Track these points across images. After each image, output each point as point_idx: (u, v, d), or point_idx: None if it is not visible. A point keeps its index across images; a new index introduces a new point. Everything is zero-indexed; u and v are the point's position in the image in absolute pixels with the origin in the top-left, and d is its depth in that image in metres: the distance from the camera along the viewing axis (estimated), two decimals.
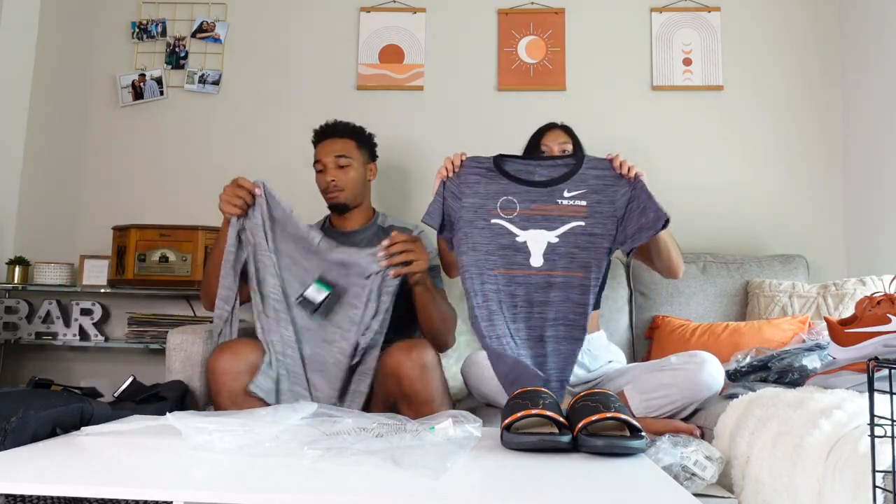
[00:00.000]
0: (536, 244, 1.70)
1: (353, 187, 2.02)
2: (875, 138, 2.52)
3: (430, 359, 1.62)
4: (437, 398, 1.61)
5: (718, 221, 2.66)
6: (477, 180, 1.74)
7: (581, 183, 1.72)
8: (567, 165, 1.75)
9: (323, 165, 2.01)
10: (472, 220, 1.72)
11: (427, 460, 1.02)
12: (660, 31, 2.76)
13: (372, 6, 2.80)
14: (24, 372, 2.67)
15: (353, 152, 2.03)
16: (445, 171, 1.75)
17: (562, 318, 1.66)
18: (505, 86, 2.75)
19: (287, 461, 1.05)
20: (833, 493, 1.04)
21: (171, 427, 1.16)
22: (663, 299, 2.38)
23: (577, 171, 1.73)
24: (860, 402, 1.18)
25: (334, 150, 2.02)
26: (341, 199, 2.01)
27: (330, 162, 2.00)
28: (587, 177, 1.73)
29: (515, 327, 1.67)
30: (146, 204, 2.75)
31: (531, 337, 1.67)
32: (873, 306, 1.34)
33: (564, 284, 1.67)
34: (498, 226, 1.71)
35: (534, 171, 1.75)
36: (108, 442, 1.18)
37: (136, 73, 2.81)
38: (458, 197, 1.74)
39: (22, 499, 1.05)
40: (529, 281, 1.68)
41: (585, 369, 1.95)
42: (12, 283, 2.57)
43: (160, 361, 2.19)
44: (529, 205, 1.71)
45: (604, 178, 1.72)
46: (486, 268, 1.69)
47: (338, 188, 2.00)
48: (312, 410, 1.32)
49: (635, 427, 1.17)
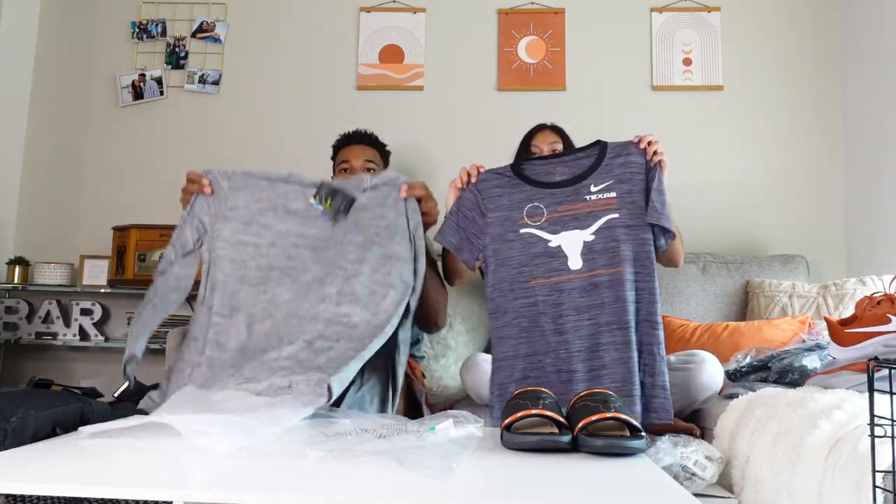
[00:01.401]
0: (571, 246, 1.56)
1: None
2: (875, 138, 2.52)
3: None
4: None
5: (718, 221, 2.66)
6: (500, 192, 1.62)
7: (607, 174, 1.59)
8: (590, 157, 1.62)
9: (351, 167, 2.02)
10: (500, 235, 1.60)
11: (432, 461, 1.02)
12: (660, 31, 2.76)
13: (372, 6, 2.80)
14: (24, 372, 2.67)
15: (379, 161, 2.08)
16: (461, 181, 1.64)
17: (616, 320, 1.51)
18: (505, 86, 2.75)
19: (290, 462, 1.05)
20: (833, 493, 1.04)
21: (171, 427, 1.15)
22: (663, 299, 2.36)
23: (601, 163, 1.61)
24: (860, 402, 1.18)
25: (364, 154, 2.04)
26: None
27: (359, 165, 2.02)
28: (612, 166, 1.60)
29: (564, 339, 1.53)
30: (146, 204, 2.75)
31: (584, 348, 1.52)
32: (873, 306, 1.34)
33: (612, 283, 1.53)
34: (528, 234, 1.58)
35: (554, 171, 1.62)
36: (108, 442, 1.17)
37: (136, 73, 2.81)
38: (483, 213, 1.62)
39: (22, 499, 1.05)
40: (572, 286, 1.54)
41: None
42: (12, 283, 2.57)
43: (160, 361, 2.19)
44: (556, 207, 1.59)
45: (629, 164, 1.59)
46: (519, 282, 1.56)
47: None
48: (311, 412, 1.31)
49: (635, 427, 1.17)
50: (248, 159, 2.76)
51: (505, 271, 1.58)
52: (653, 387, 1.47)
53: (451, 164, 1.95)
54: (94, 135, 2.82)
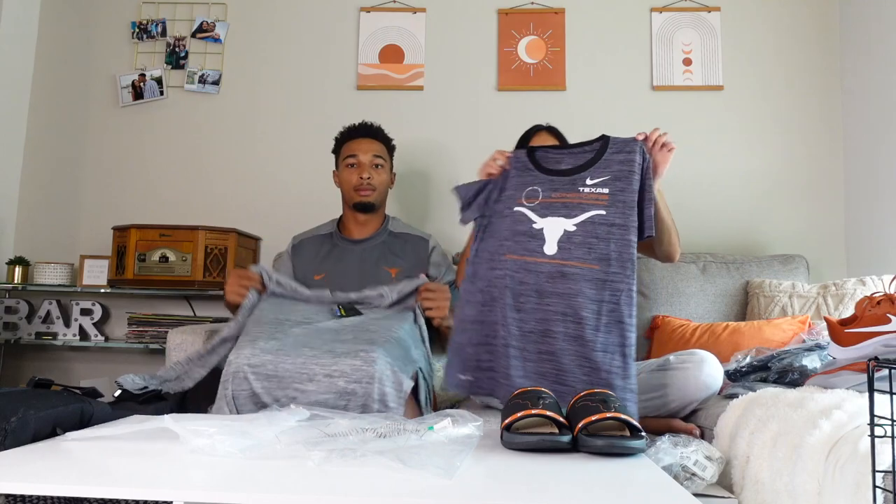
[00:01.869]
0: (552, 231, 1.59)
1: (382, 190, 2.04)
2: (875, 138, 2.52)
3: None
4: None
5: (718, 221, 2.66)
6: (514, 174, 1.69)
7: (605, 169, 1.60)
8: (593, 151, 1.64)
9: (358, 162, 1.99)
10: (500, 211, 1.67)
11: (436, 459, 1.02)
12: (660, 31, 2.76)
13: (372, 6, 2.80)
14: (24, 372, 2.67)
15: (386, 156, 2.05)
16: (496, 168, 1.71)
17: (572, 314, 1.52)
18: (505, 86, 2.75)
19: (292, 462, 1.04)
20: (833, 493, 1.04)
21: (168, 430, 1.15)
22: (663, 299, 2.38)
23: (602, 157, 1.62)
24: (860, 402, 1.18)
25: (372, 149, 2.01)
26: (372, 199, 2.01)
27: (367, 160, 1.99)
28: (611, 162, 1.60)
29: (519, 317, 1.57)
30: (146, 204, 2.75)
31: (537, 330, 1.55)
32: (873, 306, 1.34)
33: (581, 277, 1.53)
34: (519, 213, 1.64)
35: (562, 160, 1.66)
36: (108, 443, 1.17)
37: (136, 73, 2.81)
38: (503, 190, 1.70)
39: (22, 499, 1.05)
40: (539, 269, 1.57)
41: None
42: (12, 283, 2.57)
43: (160, 361, 2.19)
44: (551, 193, 1.63)
45: (628, 162, 1.58)
46: (498, 253, 1.62)
47: (371, 186, 1.99)
48: (307, 416, 1.31)
49: (635, 427, 1.17)
50: (249, 159, 2.76)
51: (490, 243, 1.66)
52: (623, 389, 1.48)
53: (451, 163, 1.95)
54: (94, 135, 2.82)
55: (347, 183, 2.02)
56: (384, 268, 1.95)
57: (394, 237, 2.04)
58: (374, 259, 1.99)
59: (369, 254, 2.00)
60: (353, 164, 1.99)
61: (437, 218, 2.66)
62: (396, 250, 2.01)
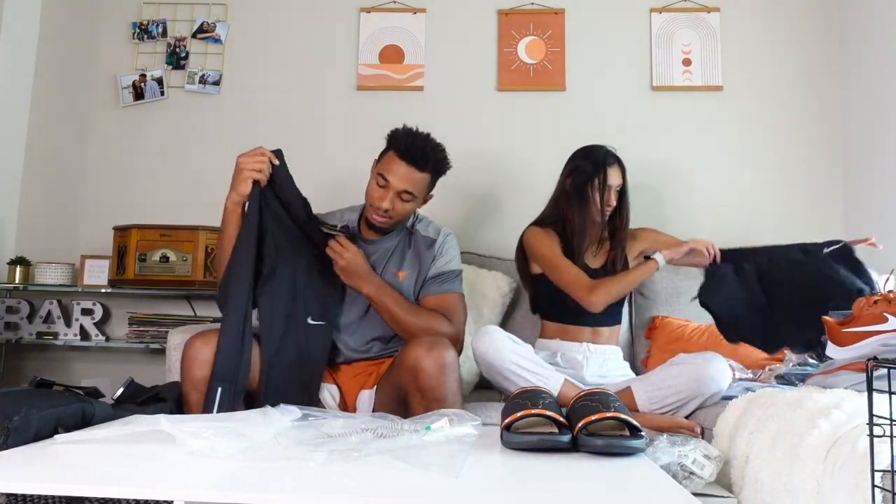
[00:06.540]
0: None
1: (400, 219, 1.90)
2: (875, 138, 2.52)
3: (450, 358, 1.61)
4: (450, 397, 1.60)
5: (718, 221, 2.66)
6: None
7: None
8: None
9: (388, 186, 1.83)
10: None
11: (439, 459, 1.02)
12: (659, 32, 2.76)
13: (372, 6, 2.80)
14: (25, 372, 2.67)
15: (423, 190, 1.88)
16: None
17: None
18: (505, 86, 2.75)
19: (293, 463, 1.04)
20: (832, 492, 1.04)
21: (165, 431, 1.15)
22: (663, 300, 2.38)
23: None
24: (859, 402, 1.18)
25: (409, 181, 1.83)
26: (385, 226, 1.89)
27: (397, 188, 1.83)
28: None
29: None
30: (147, 204, 2.75)
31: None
32: (871, 306, 1.35)
33: None
34: None
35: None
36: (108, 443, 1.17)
37: (136, 74, 2.81)
38: None
39: (23, 498, 1.06)
40: None
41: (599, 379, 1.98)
42: (13, 283, 2.57)
43: (161, 361, 2.19)
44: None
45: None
46: None
47: (387, 216, 1.86)
48: (299, 415, 1.32)
49: (635, 427, 1.18)
50: None
51: None
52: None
53: (451, 164, 1.94)
54: (95, 135, 2.82)
55: (370, 196, 1.90)
56: (392, 269, 1.92)
57: (411, 238, 1.98)
58: (384, 259, 1.94)
59: (381, 255, 1.94)
60: (383, 186, 1.85)
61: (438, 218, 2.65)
62: (409, 252, 1.96)
